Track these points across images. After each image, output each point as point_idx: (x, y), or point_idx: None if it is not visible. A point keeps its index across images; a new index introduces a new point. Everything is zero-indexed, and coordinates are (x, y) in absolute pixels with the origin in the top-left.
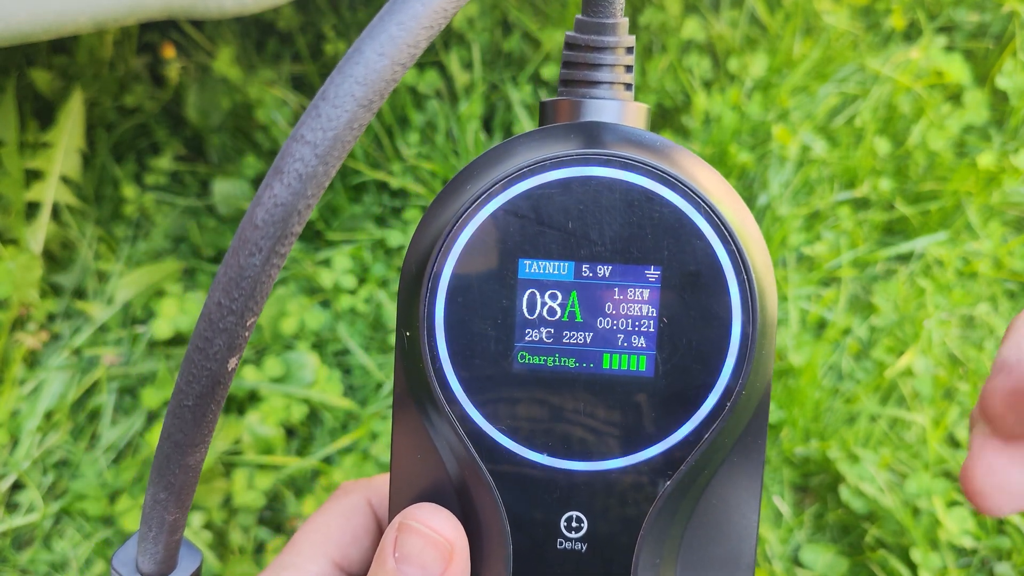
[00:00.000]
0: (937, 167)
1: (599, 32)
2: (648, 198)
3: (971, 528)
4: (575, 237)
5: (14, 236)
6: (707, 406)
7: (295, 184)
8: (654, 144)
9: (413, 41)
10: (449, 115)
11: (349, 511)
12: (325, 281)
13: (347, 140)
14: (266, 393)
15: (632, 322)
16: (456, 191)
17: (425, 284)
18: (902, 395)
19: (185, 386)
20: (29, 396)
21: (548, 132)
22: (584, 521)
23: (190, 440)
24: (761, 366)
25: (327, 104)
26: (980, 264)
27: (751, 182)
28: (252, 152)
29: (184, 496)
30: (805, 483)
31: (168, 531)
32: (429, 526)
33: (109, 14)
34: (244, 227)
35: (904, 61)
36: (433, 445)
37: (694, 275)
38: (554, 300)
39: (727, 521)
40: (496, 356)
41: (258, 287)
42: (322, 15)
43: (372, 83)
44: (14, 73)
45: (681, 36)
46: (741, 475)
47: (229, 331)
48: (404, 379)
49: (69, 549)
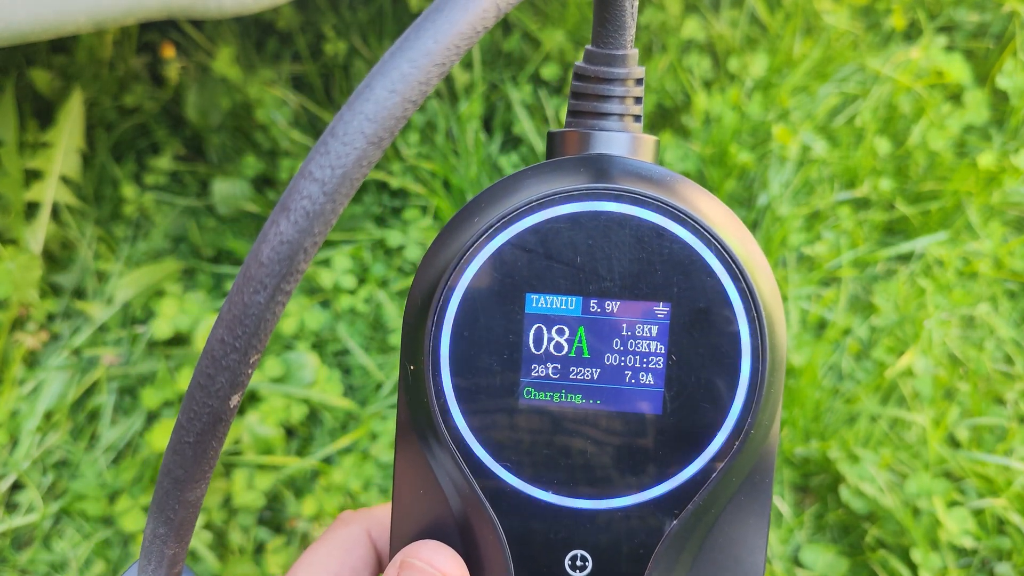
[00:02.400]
0: (937, 167)
1: (609, 63)
2: (658, 234)
3: (971, 528)
4: (583, 272)
5: (14, 236)
6: (715, 445)
7: (302, 222)
8: (664, 179)
9: (424, 79)
10: (449, 115)
11: (349, 543)
12: (325, 281)
13: (356, 178)
14: (266, 393)
15: (640, 359)
16: (463, 224)
17: (431, 317)
18: (902, 395)
19: (187, 423)
20: (29, 396)
21: (557, 165)
22: (589, 560)
23: (190, 476)
24: (770, 405)
25: (336, 141)
26: (980, 264)
27: (751, 182)
28: (252, 152)
29: (184, 531)
30: (805, 483)
31: (168, 565)
32: (432, 564)
33: (108, 14)
34: (249, 264)
35: (904, 61)
36: (436, 480)
37: (704, 312)
38: (561, 335)
39: (734, 560)
40: (502, 391)
41: (262, 325)
42: (322, 15)
43: (382, 120)
44: (14, 73)
45: (681, 36)
46: (748, 514)
47: (232, 368)
48: (407, 412)
49: (69, 549)
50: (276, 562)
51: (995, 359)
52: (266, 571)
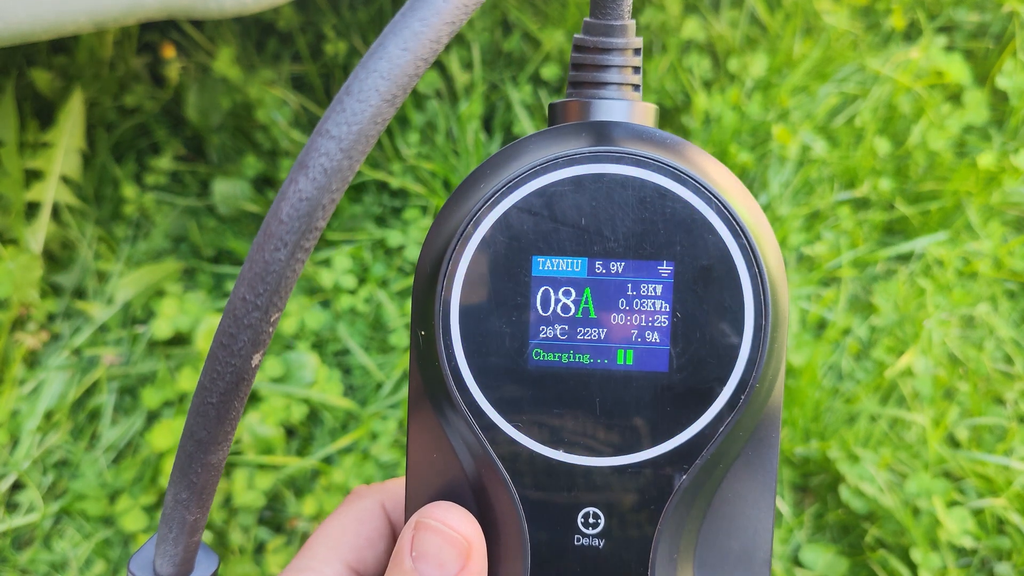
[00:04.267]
0: (937, 167)
1: (607, 34)
2: (660, 194)
3: (971, 528)
4: (588, 234)
5: (14, 236)
6: (721, 400)
7: (320, 178)
8: (664, 141)
9: (435, 37)
10: (449, 115)
11: (363, 515)
12: (325, 281)
13: (371, 134)
14: (266, 393)
15: (646, 317)
16: (469, 191)
17: (440, 283)
18: (902, 395)
19: (209, 383)
20: (29, 396)
21: (559, 131)
22: (601, 517)
23: (213, 438)
24: (774, 359)
25: (351, 99)
26: (980, 264)
27: (751, 182)
28: (252, 152)
29: (206, 495)
30: (805, 483)
31: (188, 532)
32: (447, 524)
33: (109, 14)
34: (269, 222)
35: (904, 61)
36: (449, 443)
37: (707, 270)
38: (568, 297)
39: (742, 515)
40: (511, 353)
41: (283, 282)
42: (322, 15)
43: (395, 78)
44: (14, 73)
45: (681, 36)
46: (756, 469)
47: (254, 327)
48: (420, 378)
49: (69, 549)
50: (276, 562)
51: (995, 359)
52: (266, 571)
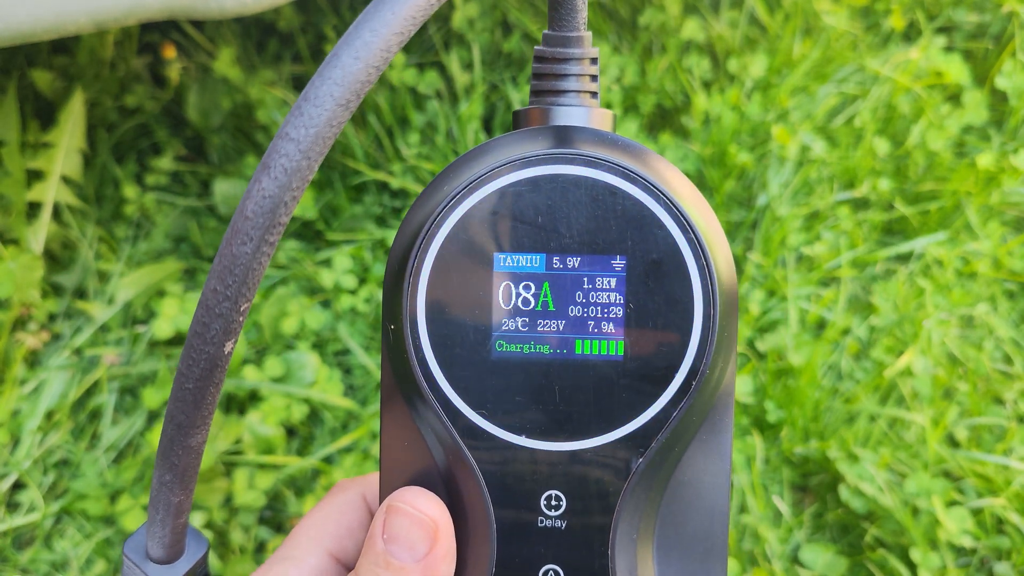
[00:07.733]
0: (937, 167)
1: (564, 45)
2: (611, 192)
3: (970, 528)
4: (545, 231)
5: (15, 236)
6: (674, 385)
7: (281, 177)
8: (616, 143)
9: (385, 46)
10: (449, 115)
11: (345, 506)
12: (325, 281)
13: (327, 136)
14: (267, 393)
15: (601, 309)
16: (434, 191)
17: (407, 279)
18: (902, 395)
19: (186, 370)
20: (30, 396)
21: (519, 135)
22: (563, 499)
23: (191, 421)
24: (723, 346)
25: (308, 104)
26: (979, 264)
27: (750, 182)
28: (252, 152)
29: (188, 477)
30: (805, 483)
31: (174, 513)
32: (415, 507)
33: (109, 14)
34: (236, 219)
35: (904, 61)
36: (420, 433)
37: (657, 263)
38: (528, 291)
39: (699, 498)
40: (475, 345)
41: (250, 274)
42: (322, 15)
43: (348, 84)
44: (15, 73)
45: (681, 36)
46: (710, 452)
47: (224, 316)
48: (390, 370)
49: (70, 549)
50: None
51: (994, 359)
52: None
